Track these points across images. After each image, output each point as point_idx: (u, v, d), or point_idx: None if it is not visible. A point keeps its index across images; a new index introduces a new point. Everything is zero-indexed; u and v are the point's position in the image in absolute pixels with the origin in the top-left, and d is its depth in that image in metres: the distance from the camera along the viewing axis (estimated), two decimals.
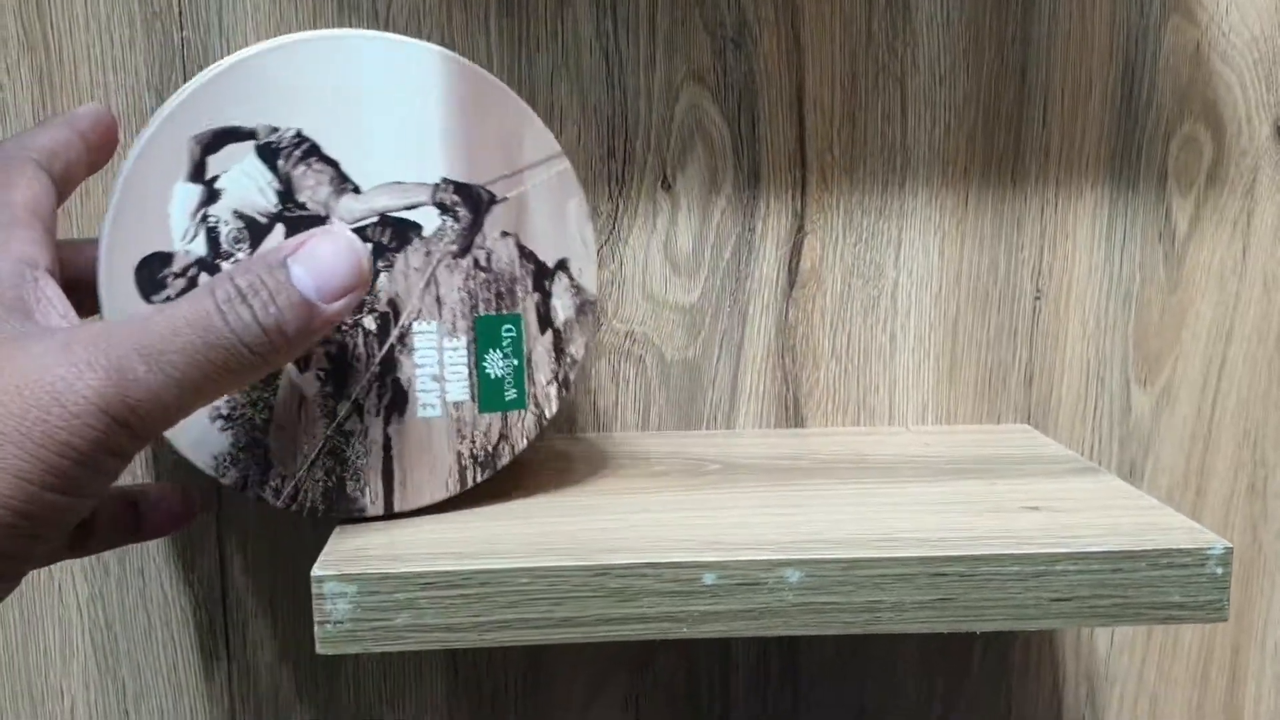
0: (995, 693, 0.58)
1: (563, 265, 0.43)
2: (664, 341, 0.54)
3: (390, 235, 0.41)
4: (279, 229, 0.40)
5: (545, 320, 0.43)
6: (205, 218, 0.40)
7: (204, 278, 0.39)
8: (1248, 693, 0.59)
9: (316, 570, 0.37)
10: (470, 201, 0.42)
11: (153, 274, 0.39)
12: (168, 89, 0.51)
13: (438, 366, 0.42)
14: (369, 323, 0.41)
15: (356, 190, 0.41)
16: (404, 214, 0.41)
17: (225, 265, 0.40)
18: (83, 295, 0.39)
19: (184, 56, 0.51)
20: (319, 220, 0.40)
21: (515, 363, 0.43)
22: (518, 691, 0.56)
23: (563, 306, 0.43)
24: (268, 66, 0.40)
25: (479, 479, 0.43)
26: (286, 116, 0.40)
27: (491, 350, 0.42)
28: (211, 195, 0.40)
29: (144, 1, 0.50)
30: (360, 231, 0.41)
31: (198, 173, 0.39)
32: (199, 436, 0.40)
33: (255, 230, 0.40)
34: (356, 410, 0.41)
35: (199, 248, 0.40)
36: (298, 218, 0.40)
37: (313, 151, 0.40)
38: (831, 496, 0.44)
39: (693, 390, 0.55)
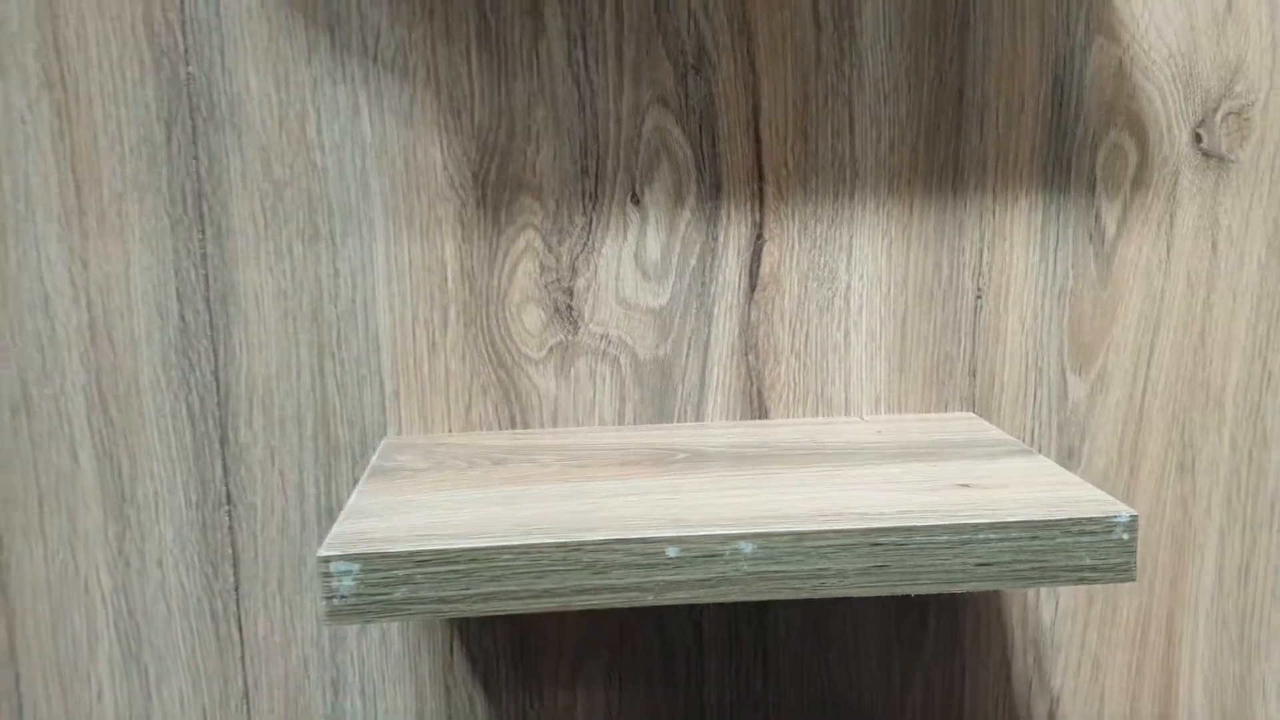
0: (949, 661, 0.63)
1: None
2: (636, 342, 0.59)
3: None
4: None
5: None
6: None
7: None
8: (1183, 654, 0.64)
9: (323, 551, 0.42)
10: None
11: None
12: (175, 121, 0.55)
13: None
14: None
15: None
16: None
17: None
18: None
19: (190, 91, 0.55)
20: None
21: None
22: (509, 668, 0.61)
23: None
24: None
25: None
26: None
27: None
28: None
29: (152, 41, 0.55)
30: None
31: None
32: None
33: None
34: None
35: None
36: None
37: None
38: (786, 479, 0.49)
39: (664, 386, 0.59)
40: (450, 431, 0.59)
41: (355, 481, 0.58)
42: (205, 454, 0.58)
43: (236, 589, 0.59)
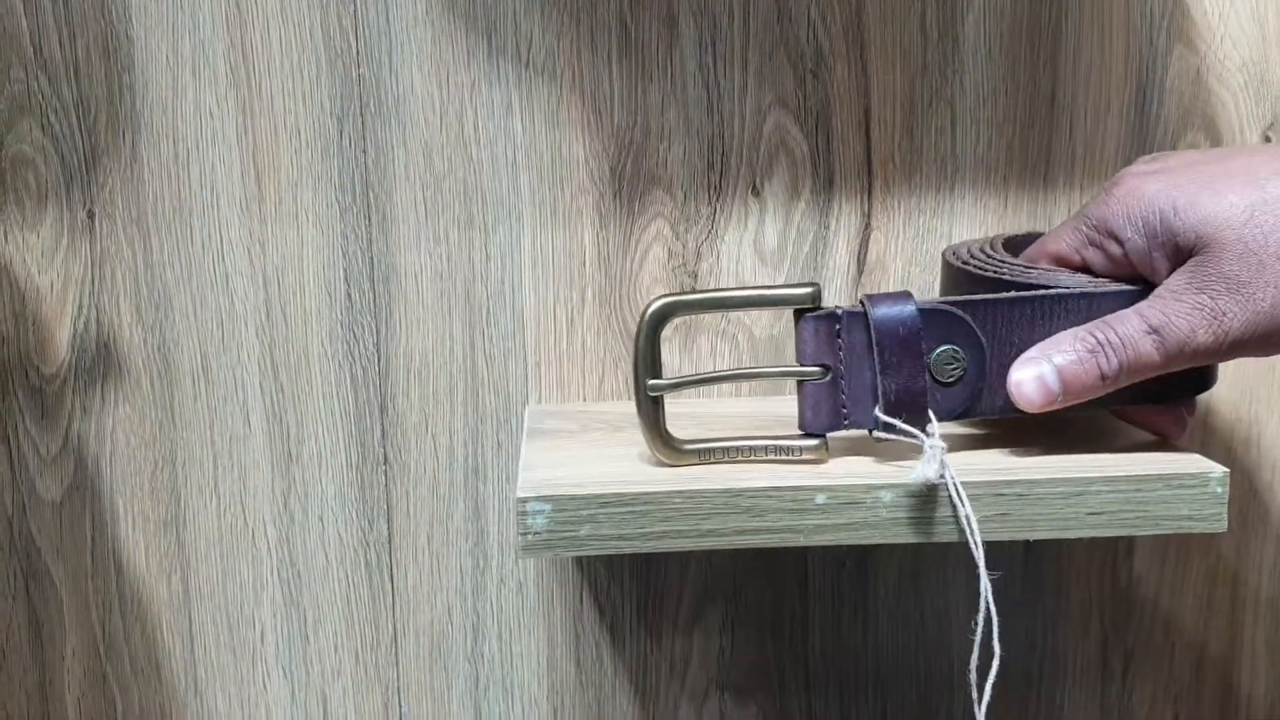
0: (1031, 617, 0.68)
1: None
2: (754, 322, 0.65)
3: None
4: None
5: None
6: None
7: None
8: (1246, 615, 0.69)
9: (520, 493, 0.48)
10: None
11: None
12: (347, 117, 0.62)
13: None
14: None
15: None
16: None
17: None
18: None
19: (360, 90, 0.61)
20: None
21: None
22: (633, 616, 0.67)
23: None
24: None
25: None
26: None
27: None
28: None
29: (328, 44, 0.61)
30: None
31: None
32: None
33: None
34: None
35: None
36: None
37: None
38: (907, 442, 0.55)
39: (778, 362, 0.65)
40: (584, 400, 0.65)
41: (499, 445, 0.64)
42: (366, 419, 0.64)
43: (389, 542, 0.65)
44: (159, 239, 0.62)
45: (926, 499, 0.49)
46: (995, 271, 0.53)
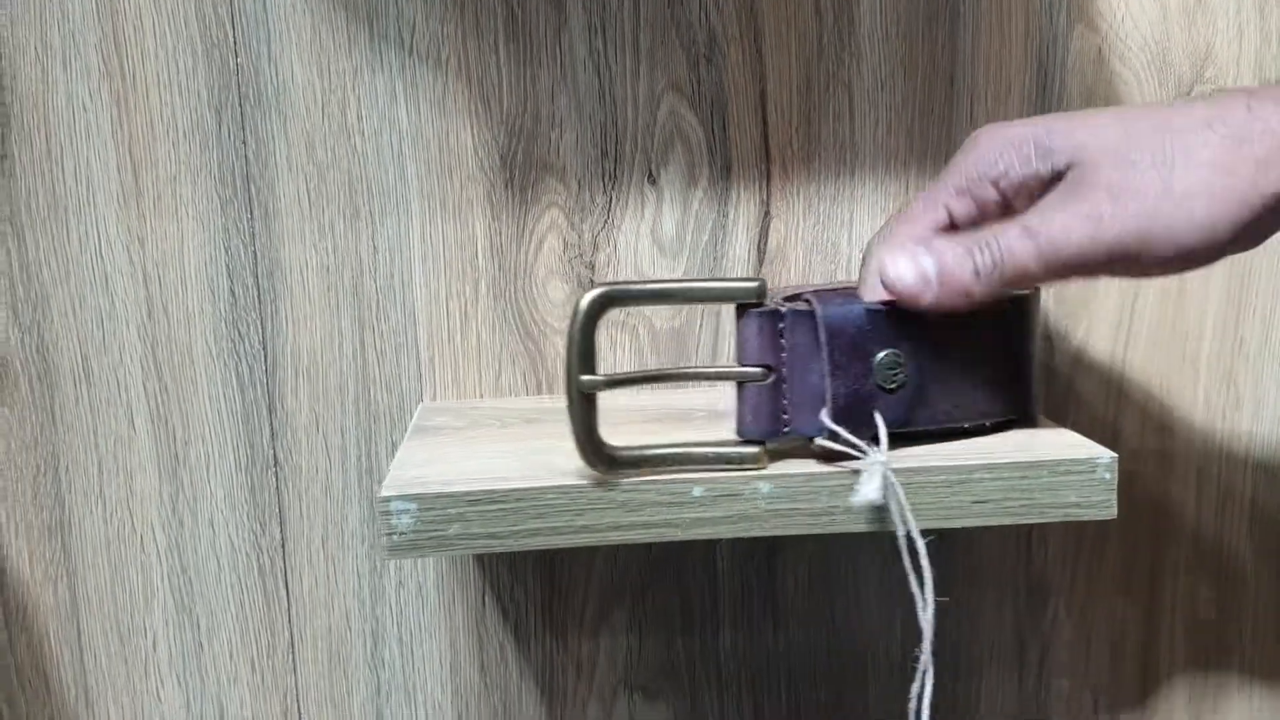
0: (945, 609, 0.67)
1: None
2: (654, 313, 0.63)
3: None
4: None
5: None
6: None
7: None
8: (1164, 599, 0.68)
9: (383, 491, 0.46)
10: None
11: None
12: (225, 108, 0.60)
13: None
14: None
15: None
16: None
17: None
18: None
19: (239, 80, 0.60)
20: None
21: None
22: (538, 618, 0.65)
23: None
24: None
25: None
26: None
27: None
28: None
29: (204, 33, 0.59)
30: None
31: None
32: None
33: None
34: None
35: None
36: None
37: None
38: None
39: (679, 354, 0.64)
40: (481, 397, 0.63)
41: (394, 444, 0.63)
42: (254, 419, 0.62)
43: (283, 546, 0.63)
44: (33, 237, 0.60)
45: (807, 489, 0.47)
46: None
